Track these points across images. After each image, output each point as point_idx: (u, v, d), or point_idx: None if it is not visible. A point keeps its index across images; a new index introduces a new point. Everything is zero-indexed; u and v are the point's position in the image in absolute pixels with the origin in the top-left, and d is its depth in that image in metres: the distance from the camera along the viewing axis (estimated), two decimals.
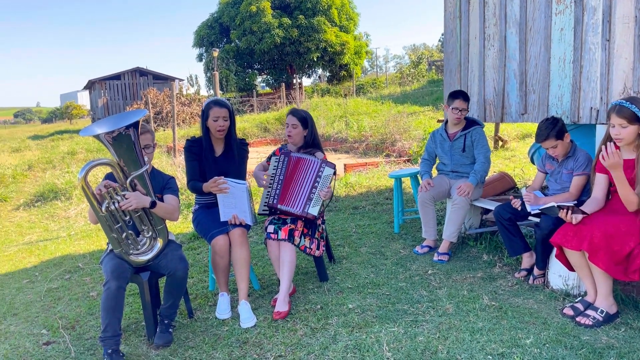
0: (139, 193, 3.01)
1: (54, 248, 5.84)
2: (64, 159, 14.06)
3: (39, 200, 8.78)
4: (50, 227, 7.06)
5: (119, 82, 30.60)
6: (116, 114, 3.09)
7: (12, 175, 12.46)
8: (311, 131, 3.86)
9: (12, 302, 4.20)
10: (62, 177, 9.70)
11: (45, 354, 3.18)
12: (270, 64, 31.75)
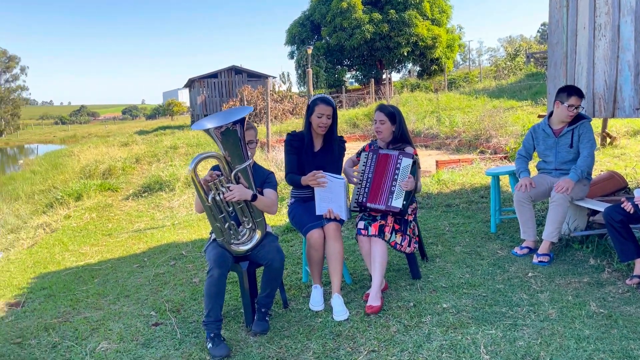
0: (242, 186, 3.16)
1: (160, 236, 6.27)
2: (167, 152, 15.02)
3: (146, 191, 9.46)
4: (156, 216, 7.59)
5: (216, 80, 32.10)
6: (224, 110, 3.27)
7: (122, 167, 13.53)
8: (400, 126, 3.82)
9: (124, 284, 4.58)
10: (166, 170, 10.37)
11: (154, 334, 3.43)
12: (359, 60, 31.77)
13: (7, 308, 4.25)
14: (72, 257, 5.77)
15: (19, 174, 19.67)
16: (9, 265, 5.82)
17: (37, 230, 7.82)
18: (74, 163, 17.98)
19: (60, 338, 3.53)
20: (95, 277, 4.88)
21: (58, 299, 4.35)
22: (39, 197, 13.00)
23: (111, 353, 3.21)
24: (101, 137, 37.93)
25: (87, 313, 3.96)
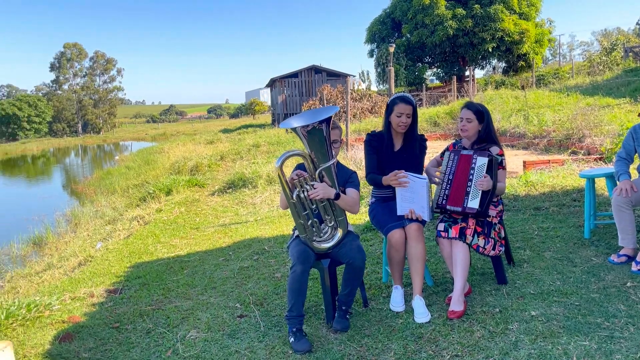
0: (325, 184, 3.20)
1: (243, 231, 6.50)
2: (250, 150, 15.53)
3: (230, 188, 9.84)
4: (240, 212, 7.87)
5: (296, 80, 32.68)
6: (311, 110, 3.34)
7: (208, 164, 14.16)
8: (487, 126, 3.69)
9: (211, 276, 4.79)
10: (249, 167, 10.73)
11: (239, 326, 3.57)
12: (441, 57, 31.04)
13: (106, 294, 4.59)
14: (163, 249, 6.13)
15: (115, 169, 21.14)
16: (108, 254, 6.28)
17: (132, 222, 8.37)
18: (164, 160, 19.07)
19: (154, 324, 3.76)
20: (185, 268, 5.15)
21: (151, 287, 4.64)
22: (133, 191, 13.92)
23: (200, 341, 3.38)
24: (188, 135, 39.93)
25: (177, 302, 4.19)
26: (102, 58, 62.18)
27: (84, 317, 4.05)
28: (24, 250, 9.89)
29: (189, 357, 3.18)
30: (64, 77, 60.76)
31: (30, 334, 3.79)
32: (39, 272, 7.64)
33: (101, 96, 62.14)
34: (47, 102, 58.12)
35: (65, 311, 4.18)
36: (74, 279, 5.38)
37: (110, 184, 16.64)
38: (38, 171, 29.68)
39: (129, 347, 3.43)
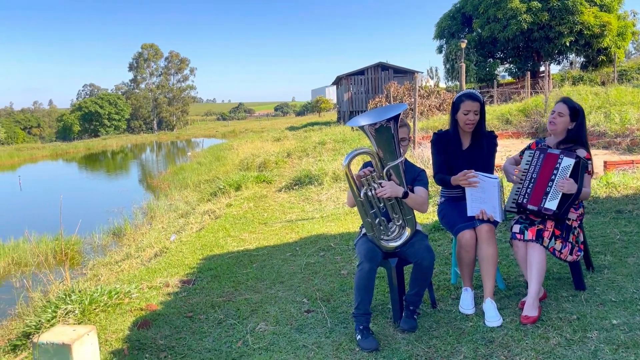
0: (393, 182, 3.18)
1: (310, 227, 6.58)
2: (316, 148, 15.67)
3: (297, 184, 9.98)
4: (306, 208, 7.97)
5: (362, 77, 32.59)
6: (378, 107, 3.32)
7: (275, 161, 14.44)
8: (579, 126, 3.51)
9: (279, 271, 4.89)
10: (315, 165, 10.83)
11: (306, 321, 3.62)
12: (514, 52, 29.84)
13: (181, 284, 4.80)
14: (233, 242, 6.32)
15: (187, 165, 22.01)
16: (181, 246, 6.56)
17: (204, 216, 8.69)
18: (234, 156, 19.63)
19: (225, 315, 3.90)
20: (254, 262, 5.29)
21: (222, 279, 4.80)
22: (204, 186, 14.44)
23: (269, 334, 3.46)
24: (256, 132, 40.88)
25: (247, 295, 4.31)
26: (176, 58, 64.87)
27: (160, 305, 4.26)
28: (105, 240, 10.53)
29: (258, 349, 3.27)
30: (141, 76, 63.98)
31: (111, 320, 4.03)
32: (118, 262, 8.11)
33: (175, 94, 64.86)
34: (125, 100, 61.44)
35: (143, 299, 4.41)
36: (150, 269, 5.66)
37: (183, 179, 17.36)
38: (117, 166, 31.47)
39: (201, 336, 3.58)
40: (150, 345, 3.48)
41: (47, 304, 4.43)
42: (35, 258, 9.19)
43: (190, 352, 3.36)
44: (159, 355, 3.34)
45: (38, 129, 62.05)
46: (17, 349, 3.96)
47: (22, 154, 36.12)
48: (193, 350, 3.38)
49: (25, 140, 54.09)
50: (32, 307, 6.45)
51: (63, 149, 40.60)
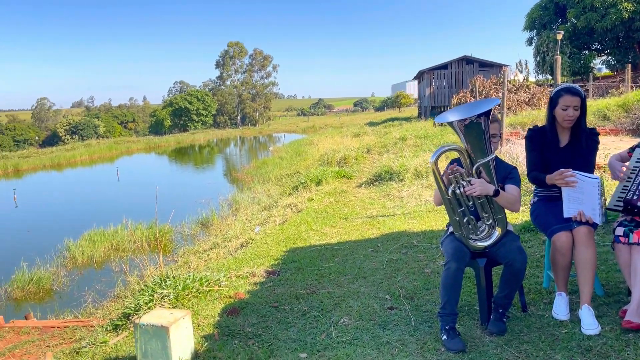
0: (483, 180, 3.08)
1: (391, 224, 6.54)
2: (396, 143, 15.50)
3: (377, 180, 9.94)
4: (387, 204, 7.92)
5: (445, 72, 31.75)
6: (468, 103, 3.23)
7: (355, 157, 14.46)
8: None
9: (361, 266, 4.91)
10: (396, 161, 10.73)
11: (389, 317, 3.61)
12: (612, 43, 27.78)
13: (266, 275, 4.96)
14: (315, 236, 6.43)
15: (269, 160, 22.60)
16: (266, 238, 6.76)
17: (286, 209, 8.89)
18: (314, 151, 19.90)
19: (309, 307, 3.97)
20: (336, 257, 5.35)
21: (306, 272, 4.90)
22: (285, 180, 14.78)
23: (352, 328, 3.49)
24: (336, 127, 41.13)
25: (330, 288, 4.37)
26: (260, 55, 66.67)
27: (247, 294, 4.43)
28: (194, 229, 11.09)
29: (341, 343, 3.31)
30: (226, 73, 66.40)
31: (202, 305, 4.24)
32: (206, 250, 8.52)
33: (258, 91, 66.73)
34: (212, 96, 64.09)
35: (231, 287, 4.60)
36: (237, 258, 5.89)
37: (265, 173, 17.87)
38: (203, 159, 32.94)
39: (286, 327, 3.68)
40: (239, 332, 3.63)
41: (144, 287, 4.74)
42: (131, 244, 9.88)
43: (276, 340, 3.46)
44: (247, 342, 3.47)
45: (133, 124, 66.35)
46: (118, 328, 4.27)
47: (119, 147, 38.81)
48: (279, 339, 3.48)
49: (122, 134, 58.06)
50: (130, 290, 6.94)
51: (155, 142, 43.13)
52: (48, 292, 7.89)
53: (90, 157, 33.32)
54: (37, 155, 32.06)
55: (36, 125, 63.71)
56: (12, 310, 7.33)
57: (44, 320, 6.46)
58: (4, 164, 27.44)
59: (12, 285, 7.91)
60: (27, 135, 53.92)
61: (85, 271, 8.91)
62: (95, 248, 9.66)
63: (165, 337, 3.07)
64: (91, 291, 7.25)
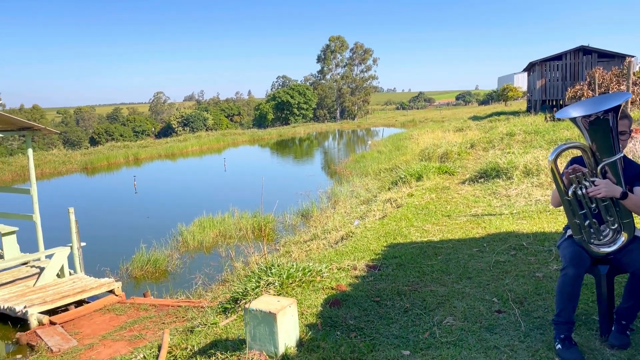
0: (609, 181, 2.85)
1: (498, 223, 6.25)
2: (503, 139, 14.78)
3: (482, 177, 9.55)
4: (493, 203, 7.59)
5: (559, 63, 29.66)
6: (592, 97, 3.00)
7: (458, 152, 14.00)
8: None
9: (465, 266, 4.76)
10: (504, 157, 10.22)
11: (497, 321, 3.46)
12: None
13: (367, 269, 4.97)
14: (416, 233, 6.32)
15: (367, 153, 22.57)
16: (366, 232, 6.78)
17: (385, 204, 8.84)
18: (414, 146, 19.56)
19: (411, 304, 3.93)
20: (438, 255, 5.23)
21: (407, 268, 4.85)
22: (384, 175, 14.69)
23: (457, 329, 3.40)
24: (436, 122, 40.12)
25: (432, 287, 4.28)
26: (360, 49, 66.67)
27: (349, 287, 4.47)
28: (294, 220, 11.41)
29: (445, 343, 3.23)
30: (327, 67, 67.20)
31: (305, 295, 4.35)
32: (306, 241, 8.72)
33: (358, 85, 66.84)
34: (313, 90, 65.28)
35: (333, 279, 4.68)
36: (338, 251, 5.97)
37: (363, 167, 17.89)
38: (303, 152, 33.69)
39: (388, 322, 3.66)
40: (341, 324, 3.68)
41: (251, 274, 4.96)
42: (237, 232, 10.39)
43: (378, 335, 3.46)
44: (349, 335, 3.51)
45: (239, 117, 69.49)
46: (227, 311, 4.51)
47: (226, 139, 40.84)
48: (381, 334, 3.48)
49: (228, 126, 61.05)
50: (236, 275, 7.31)
51: (259, 135, 44.84)
52: (163, 272, 8.54)
53: (200, 148, 35.43)
54: (154, 145, 34.67)
55: (152, 118, 69.02)
56: (132, 288, 8.03)
57: (160, 299, 7.01)
58: (125, 152, 30.04)
59: (132, 264, 8.65)
60: (145, 127, 58.56)
61: (195, 255, 9.51)
62: (204, 234, 10.27)
63: (272, 323, 3.19)
64: (201, 274, 7.73)
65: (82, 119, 75.24)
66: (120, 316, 6.39)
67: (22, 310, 6.29)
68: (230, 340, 3.64)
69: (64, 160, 26.34)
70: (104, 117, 76.63)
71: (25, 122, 8.38)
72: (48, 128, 8.63)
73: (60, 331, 6.02)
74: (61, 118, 73.68)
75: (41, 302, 6.54)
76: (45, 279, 7.28)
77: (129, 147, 32.68)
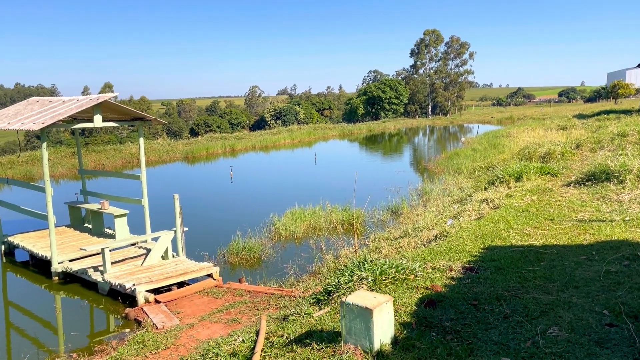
0: None
1: (608, 230, 5.81)
2: (614, 140, 13.67)
3: (589, 180, 8.90)
4: (602, 208, 7.05)
5: None
6: None
7: (561, 152, 13.15)
8: None
9: (572, 274, 4.47)
10: (615, 159, 9.45)
11: (608, 335, 3.23)
12: None
13: (463, 271, 4.83)
14: (516, 236, 6.04)
15: (461, 151, 21.86)
16: (461, 232, 6.58)
17: (481, 204, 8.52)
18: (512, 144, 18.65)
19: (511, 311, 3.76)
20: (541, 260, 4.96)
21: (507, 273, 4.64)
22: (479, 174, 14.15)
23: (562, 340, 3.21)
24: (536, 119, 37.95)
25: (535, 294, 4.07)
26: (456, 43, 64.64)
27: (444, 288, 4.37)
28: (384, 216, 11.34)
29: (550, 354, 3.07)
30: (420, 62, 65.89)
31: (399, 293, 4.32)
32: (396, 238, 8.64)
33: (452, 79, 64.93)
34: (404, 85, 64.34)
35: (427, 279, 4.60)
36: (432, 250, 5.85)
37: (456, 165, 17.35)
38: (392, 147, 33.35)
39: (487, 327, 3.54)
40: (437, 325, 3.61)
41: (344, 267, 5.01)
42: (327, 225, 10.52)
43: (476, 340, 3.36)
44: (445, 337, 3.43)
45: (329, 111, 70.25)
46: (320, 302, 4.59)
47: (317, 133, 41.40)
48: (479, 339, 3.37)
49: (319, 120, 61.91)
50: (326, 268, 7.42)
51: (349, 129, 44.98)
52: (257, 260, 8.85)
53: (292, 141, 36.24)
54: (249, 137, 35.96)
55: (247, 110, 71.67)
56: (228, 273, 8.41)
57: (254, 286, 7.29)
58: (222, 143, 31.42)
59: (228, 250, 9.06)
60: (240, 119, 60.97)
61: (287, 245, 9.76)
62: (296, 225, 10.51)
63: (369, 318, 3.20)
64: (292, 264, 7.92)
65: (183, 111, 79.87)
66: (217, 299, 6.72)
67: (131, 288, 6.82)
68: (324, 331, 3.70)
69: (167, 150, 28.10)
70: (203, 110, 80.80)
71: (139, 113, 9.04)
72: (157, 119, 9.25)
73: (164, 309, 6.46)
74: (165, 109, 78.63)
75: (148, 281, 7.05)
76: (151, 260, 7.83)
77: (226, 139, 34.14)
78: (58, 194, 11.24)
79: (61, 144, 37.33)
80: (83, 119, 9.19)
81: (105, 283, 7.24)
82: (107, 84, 60.76)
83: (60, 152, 25.01)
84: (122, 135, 45.80)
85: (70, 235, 9.66)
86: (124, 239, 8.48)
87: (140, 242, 8.83)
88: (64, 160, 23.09)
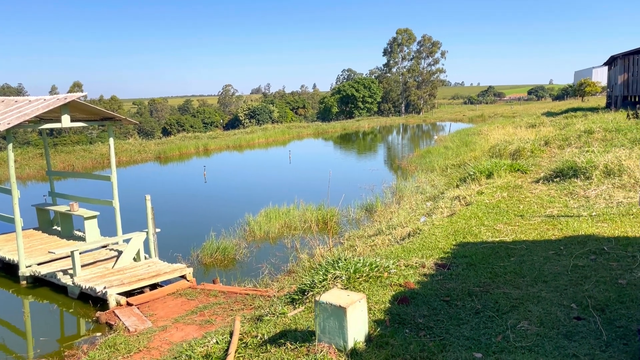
0: None
1: (576, 225, 5.96)
2: (581, 137, 14.02)
3: (557, 176, 9.11)
4: (570, 204, 7.23)
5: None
6: None
7: (531, 149, 13.42)
8: None
9: (541, 269, 4.57)
10: (582, 156, 9.70)
11: (576, 328, 3.31)
12: None
13: (436, 268, 4.89)
14: (487, 232, 6.14)
15: (433, 149, 22.10)
16: (434, 229, 6.66)
17: (453, 201, 8.64)
18: (483, 142, 18.95)
19: (482, 306, 3.83)
20: (511, 256, 5.05)
21: (478, 269, 4.72)
22: (451, 171, 14.34)
23: (532, 334, 3.28)
24: (507, 117, 38.63)
25: (505, 289, 4.15)
26: (428, 42, 65.29)
27: (417, 285, 4.41)
28: (358, 214, 11.38)
29: (520, 348, 3.13)
30: (393, 60, 66.33)
31: (373, 290, 4.34)
32: (370, 236, 8.68)
33: (424, 78, 65.58)
34: (378, 84, 64.72)
35: (400, 276, 4.64)
36: (405, 247, 5.90)
37: (429, 162, 17.55)
38: (367, 146, 33.54)
39: (459, 323, 3.59)
40: (410, 322, 3.64)
41: (318, 266, 5.01)
42: (302, 224, 10.51)
43: (448, 336, 3.40)
44: (418, 333, 3.47)
45: (303, 110, 70.17)
46: (294, 302, 4.59)
47: (291, 132, 41.33)
48: (451, 334, 3.42)
49: (293, 119, 61.79)
50: (301, 267, 7.41)
51: (323, 128, 45.03)
52: (231, 260, 8.78)
53: (266, 140, 36.09)
54: (222, 136, 35.66)
55: (221, 110, 71.05)
56: (202, 274, 8.33)
57: (228, 286, 7.24)
58: (196, 143, 31.08)
59: (202, 251, 8.97)
60: (214, 118, 60.42)
61: (262, 245, 9.72)
62: (270, 224, 10.47)
63: (342, 317, 3.21)
64: (267, 264, 7.89)
65: (155, 110, 78.67)
66: (191, 301, 6.65)
67: (102, 291, 6.69)
68: (299, 330, 3.70)
69: (139, 150, 27.64)
70: (176, 109, 79.74)
71: (108, 113, 8.87)
72: (128, 119, 9.09)
73: (136, 312, 6.36)
74: (136, 109, 77.36)
75: (119, 283, 6.93)
76: (123, 262, 7.70)
77: (199, 138, 33.78)
78: (25, 196, 10.95)
79: (29, 145, 36.35)
80: (50, 119, 8.97)
81: (75, 287, 7.08)
82: (76, 83, 59.46)
83: (27, 153, 24.38)
84: (92, 135, 44.87)
85: (38, 238, 9.43)
86: (95, 241, 8.31)
87: (111, 244, 8.68)
88: (31, 161, 22.50)
